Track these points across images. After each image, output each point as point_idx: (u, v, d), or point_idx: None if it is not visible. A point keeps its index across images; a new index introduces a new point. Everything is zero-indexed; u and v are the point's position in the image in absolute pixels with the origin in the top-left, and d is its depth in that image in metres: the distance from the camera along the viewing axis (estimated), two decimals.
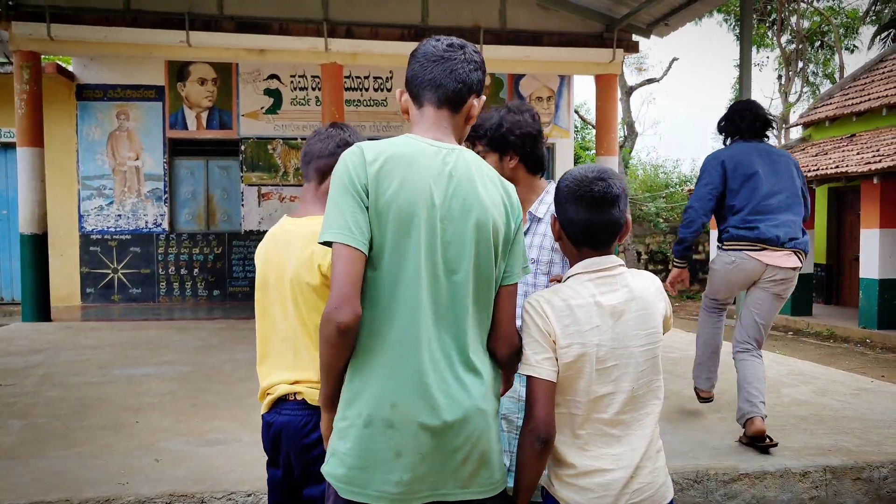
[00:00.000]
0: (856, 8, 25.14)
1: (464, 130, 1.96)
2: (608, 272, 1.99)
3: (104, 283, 12.35)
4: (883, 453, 4.27)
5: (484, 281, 1.83)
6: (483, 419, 1.81)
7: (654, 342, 1.99)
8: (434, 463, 1.76)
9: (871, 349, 11.21)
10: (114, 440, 4.63)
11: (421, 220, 1.75)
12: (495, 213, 1.82)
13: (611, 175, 2.00)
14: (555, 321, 1.93)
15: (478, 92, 1.92)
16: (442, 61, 1.86)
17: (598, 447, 1.96)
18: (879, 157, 11.87)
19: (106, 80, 12.21)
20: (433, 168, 1.78)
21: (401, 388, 1.75)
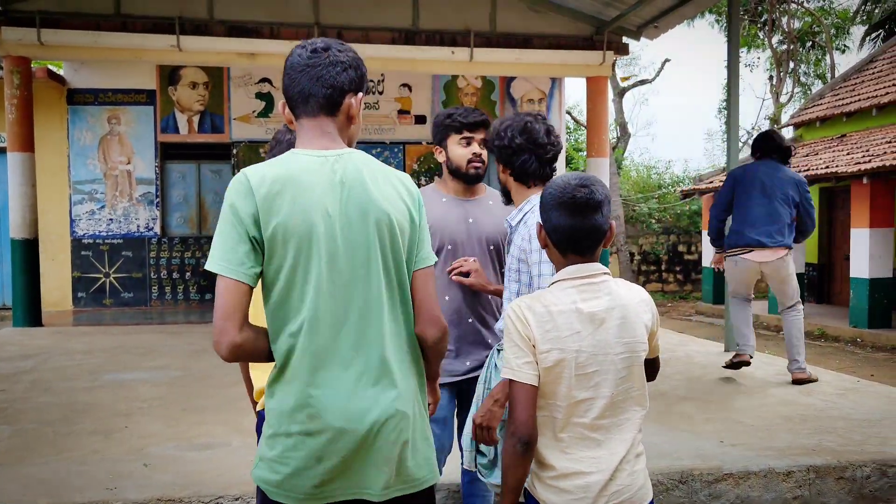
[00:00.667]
0: (846, 8, 25.27)
1: (350, 130, 1.95)
2: (591, 279, 2.02)
3: (96, 287, 12.34)
4: (865, 452, 4.31)
5: (396, 276, 1.87)
6: (403, 420, 1.85)
7: (635, 351, 2.01)
8: (356, 465, 1.82)
9: (862, 348, 11.27)
10: (103, 445, 4.64)
11: (319, 234, 1.78)
12: (392, 209, 1.84)
13: (593, 181, 2.04)
14: (535, 326, 1.96)
15: (354, 90, 1.91)
16: (307, 69, 1.87)
17: (579, 450, 1.99)
18: (869, 157, 11.93)
19: (97, 85, 12.20)
20: (322, 180, 1.80)
21: (317, 397, 1.79)
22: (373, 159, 1.91)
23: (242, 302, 1.76)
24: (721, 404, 5.56)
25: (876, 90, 14.39)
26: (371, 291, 1.82)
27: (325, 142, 1.87)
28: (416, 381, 1.92)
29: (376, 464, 1.83)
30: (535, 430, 1.99)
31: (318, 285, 1.78)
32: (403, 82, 12.88)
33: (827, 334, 12.58)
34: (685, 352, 7.92)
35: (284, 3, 10.46)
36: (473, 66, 11.02)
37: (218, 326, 1.75)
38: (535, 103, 13.43)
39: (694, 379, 6.52)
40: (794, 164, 13.81)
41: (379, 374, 1.83)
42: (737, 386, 6.18)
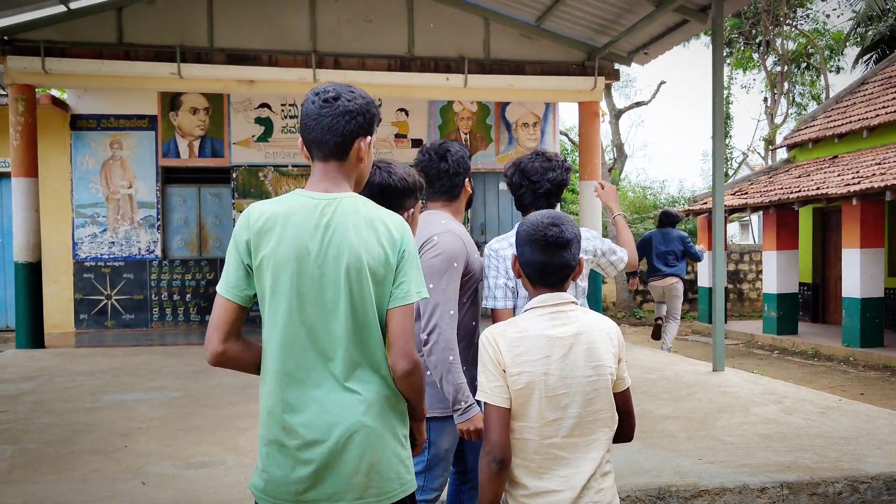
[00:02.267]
0: (840, 30, 25.54)
1: (359, 170, 2.18)
2: (560, 307, 2.17)
3: (98, 309, 12.52)
4: (839, 469, 4.46)
5: (361, 314, 2.03)
6: (371, 433, 2.03)
7: (601, 375, 2.14)
8: (328, 476, 2.01)
9: (854, 367, 11.37)
10: (102, 464, 4.79)
11: (295, 269, 2.00)
12: (366, 255, 2.01)
13: (564, 221, 2.21)
14: (505, 352, 2.12)
15: (363, 134, 2.12)
16: (319, 118, 2.07)
17: (549, 469, 2.14)
18: (859, 178, 12.09)
19: (100, 111, 12.45)
20: (310, 221, 2.02)
21: (287, 412, 2.02)
22: (365, 205, 2.07)
23: (231, 317, 2.05)
24: (704, 423, 5.70)
25: (867, 112, 14.58)
26: (337, 323, 2.02)
27: (326, 185, 2.08)
28: (386, 401, 2.09)
29: (346, 475, 2.00)
30: (509, 449, 2.14)
31: (289, 314, 2.01)
32: (400, 107, 13.12)
33: (820, 353, 12.69)
34: (674, 371, 8.06)
35: (282, 32, 10.72)
36: (468, 91, 11.26)
37: (207, 335, 2.06)
38: (530, 127, 13.66)
39: (680, 398, 6.66)
40: (788, 185, 14.02)
41: (345, 393, 2.02)
42: (721, 405, 6.32)
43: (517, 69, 11.18)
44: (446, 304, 2.78)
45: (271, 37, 10.66)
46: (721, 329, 8.01)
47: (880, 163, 12.41)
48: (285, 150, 12.86)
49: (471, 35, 11.22)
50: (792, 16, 24.58)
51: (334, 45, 10.81)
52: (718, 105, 7.96)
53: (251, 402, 6.59)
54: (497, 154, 13.57)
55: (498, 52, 11.26)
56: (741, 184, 16.71)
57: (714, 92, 8.01)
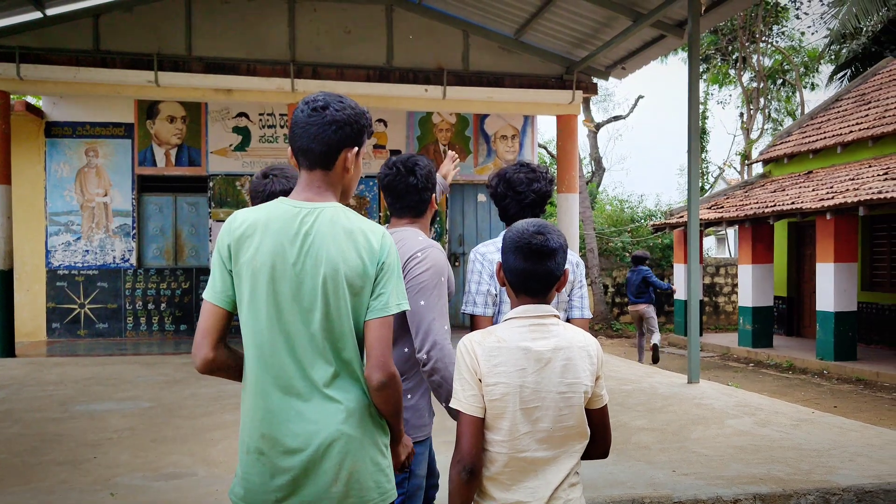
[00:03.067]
0: (815, 47, 25.93)
1: (346, 180, 2.16)
2: (541, 320, 2.14)
3: (70, 318, 12.36)
4: (811, 481, 4.48)
5: (337, 324, 2.02)
6: (350, 442, 2.02)
7: (576, 391, 2.11)
8: (307, 484, 2.00)
9: (828, 380, 11.48)
10: (70, 476, 4.72)
11: (272, 277, 2.00)
12: (344, 266, 2.01)
13: (550, 230, 2.17)
14: (482, 361, 2.09)
15: (350, 145, 2.11)
16: (307, 127, 2.07)
17: (518, 481, 2.13)
18: (833, 193, 12.25)
19: (75, 118, 12.33)
20: (290, 230, 2.02)
21: (266, 419, 2.02)
22: (346, 215, 2.06)
23: (220, 324, 2.05)
24: (678, 435, 5.72)
25: (841, 128, 14.79)
26: (314, 331, 2.01)
27: (309, 194, 2.08)
28: (365, 410, 2.07)
29: (325, 484, 1.99)
30: (480, 459, 2.12)
31: (268, 322, 2.01)
32: (379, 117, 13.11)
33: (795, 366, 12.80)
34: (649, 383, 8.09)
35: (261, 41, 10.70)
36: (446, 103, 11.28)
37: (196, 342, 2.04)
38: (509, 139, 13.70)
39: (655, 410, 6.68)
40: (763, 200, 14.16)
41: (324, 401, 2.01)
42: (695, 417, 6.35)
43: (496, 81, 11.22)
44: (441, 319, 2.71)
45: (250, 46, 10.63)
46: (696, 341, 8.05)
47: (854, 178, 12.59)
48: (263, 160, 12.80)
49: (450, 47, 11.25)
50: (768, 33, 24.93)
51: (313, 56, 10.80)
52: (694, 119, 8.03)
53: (225, 413, 6.53)
54: (476, 166, 13.60)
55: (477, 65, 11.30)
56: (717, 198, 16.87)
57: (689, 106, 8.08)
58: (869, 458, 5.03)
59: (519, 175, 3.14)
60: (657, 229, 17.71)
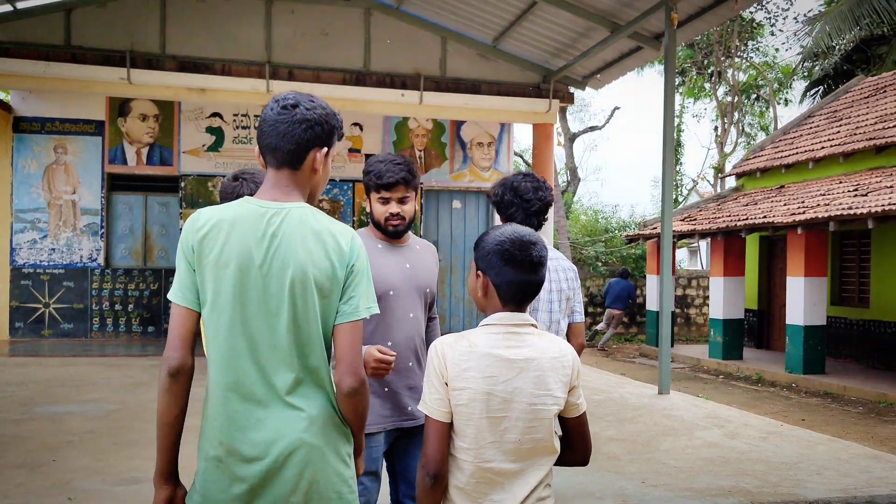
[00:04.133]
0: (789, 64, 26.28)
1: (313, 181, 2.10)
2: (517, 328, 2.09)
3: (34, 317, 12.11)
4: (778, 494, 4.48)
5: (304, 329, 1.96)
6: (311, 451, 1.95)
7: (547, 404, 2.06)
8: (265, 493, 1.93)
9: (796, 393, 11.55)
10: (28, 479, 4.59)
11: (238, 279, 1.93)
12: (312, 268, 1.95)
13: (539, 238, 2.16)
14: (451, 365, 2.03)
15: (320, 145, 2.05)
16: (276, 125, 2.01)
17: (484, 494, 2.07)
18: (804, 208, 12.36)
19: (44, 113, 12.12)
20: (256, 230, 1.95)
21: (225, 426, 1.95)
22: (315, 216, 2.00)
23: (192, 326, 1.97)
24: (648, 445, 5.71)
25: (813, 144, 14.96)
26: (279, 336, 1.94)
27: (276, 193, 2.01)
28: (329, 419, 2.00)
29: (283, 494, 1.92)
30: (444, 465, 2.07)
31: (230, 324, 1.93)
32: (355, 122, 13.04)
33: (764, 379, 12.88)
34: (620, 393, 8.08)
35: (236, 41, 10.59)
36: (423, 108, 11.25)
37: (168, 343, 1.97)
38: (485, 147, 13.69)
39: (625, 420, 6.67)
40: (736, 213, 14.28)
41: (286, 409, 1.94)
42: (665, 428, 6.34)
43: (473, 88, 11.21)
44: None
45: (225, 46, 10.52)
46: (667, 353, 8.07)
47: (825, 193, 12.73)
48: (236, 161, 12.67)
49: (427, 53, 11.23)
50: (743, 48, 25.23)
51: (289, 57, 10.72)
52: (669, 130, 8.06)
53: (191, 418, 6.37)
54: (451, 172, 13.56)
55: (454, 71, 11.28)
56: (690, 210, 16.98)
57: (665, 117, 8.11)
58: (836, 472, 5.04)
59: (525, 184, 3.27)
60: (631, 240, 17.79)
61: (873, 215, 10.55)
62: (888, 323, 13.09)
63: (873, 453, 5.69)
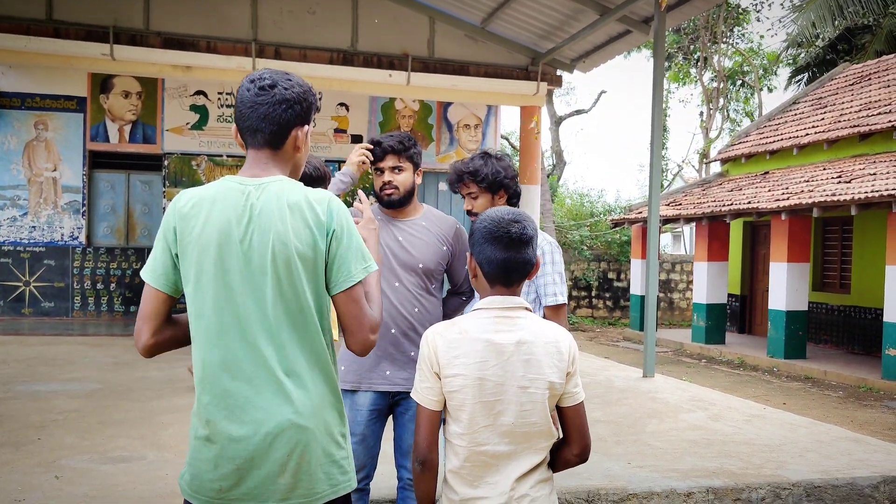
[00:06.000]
0: (774, 51, 26.37)
1: (295, 159, 2.09)
2: (508, 312, 2.08)
3: (14, 296, 11.98)
4: (762, 476, 4.53)
5: (294, 304, 1.93)
6: (302, 433, 1.92)
7: (539, 387, 2.05)
8: (252, 474, 1.91)
9: (777, 377, 11.68)
10: (13, 457, 4.56)
11: (220, 255, 1.92)
12: (295, 240, 1.91)
13: (525, 218, 2.13)
14: (442, 352, 2.04)
15: (300, 123, 2.05)
16: (255, 107, 1.99)
17: (480, 477, 2.07)
18: (788, 194, 12.45)
19: (25, 89, 11.92)
20: (236, 207, 1.93)
21: (212, 404, 1.93)
22: (293, 188, 1.97)
23: (160, 308, 1.98)
24: (633, 428, 5.75)
25: (797, 131, 15.05)
26: (267, 311, 1.91)
27: (255, 171, 2.00)
28: (322, 398, 1.97)
29: (271, 475, 1.90)
30: (434, 452, 2.08)
31: (215, 302, 1.92)
32: (341, 101, 12.95)
33: (746, 363, 13.01)
34: (605, 376, 8.13)
35: (222, 19, 10.45)
36: (410, 89, 11.18)
37: (137, 328, 2.00)
38: (472, 129, 13.65)
39: (611, 403, 6.71)
40: (721, 199, 14.37)
41: (276, 389, 1.91)
42: (650, 411, 6.39)
43: (461, 70, 11.15)
44: None
45: (211, 23, 10.38)
46: (652, 336, 8.11)
47: (808, 180, 12.82)
48: (220, 140, 12.56)
49: (415, 33, 11.15)
50: (729, 34, 25.26)
51: (276, 35, 10.60)
52: (657, 113, 8.06)
53: (175, 397, 6.38)
54: (438, 154, 13.52)
55: (442, 52, 11.21)
56: (675, 195, 17.06)
57: (654, 100, 8.11)
58: (818, 454, 5.10)
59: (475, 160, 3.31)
60: (616, 224, 17.85)
61: (856, 202, 10.65)
62: (868, 309, 13.25)
63: (854, 436, 5.76)
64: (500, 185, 3.24)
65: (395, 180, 3.14)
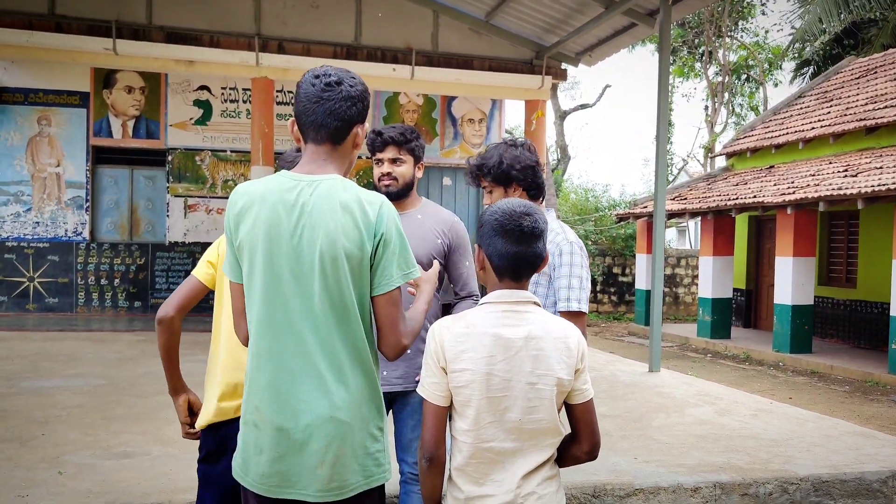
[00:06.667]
0: (780, 44, 26.25)
1: (352, 154, 2.16)
2: (517, 306, 2.06)
3: (19, 291, 11.98)
4: (769, 471, 4.49)
5: (338, 300, 1.98)
6: (339, 427, 1.98)
7: (547, 384, 2.02)
8: (292, 463, 1.99)
9: (783, 372, 11.63)
10: (16, 453, 4.54)
11: (270, 250, 1.99)
12: (343, 239, 1.97)
13: (536, 210, 2.11)
14: (449, 347, 2.02)
15: (361, 121, 2.11)
16: (321, 102, 2.04)
17: (485, 474, 2.05)
18: (794, 188, 12.39)
19: (28, 84, 11.90)
20: (286, 203, 1.99)
21: (261, 393, 2.01)
22: (346, 187, 2.01)
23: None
24: (640, 423, 5.71)
25: (803, 125, 14.97)
26: (313, 306, 1.97)
27: (312, 167, 2.06)
28: (360, 393, 2.02)
29: (309, 466, 1.98)
30: (440, 447, 2.06)
31: (264, 294, 2.00)
32: None
33: (752, 358, 12.97)
34: (611, 371, 8.10)
35: (225, 13, 10.41)
36: (414, 83, 11.14)
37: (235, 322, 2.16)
38: (476, 123, 13.60)
39: (617, 397, 6.68)
40: (726, 193, 14.31)
41: (318, 382, 1.98)
42: (657, 405, 6.36)
43: (465, 64, 11.10)
44: None
45: (213, 17, 10.34)
46: (658, 331, 8.08)
47: (814, 174, 12.75)
48: (224, 135, 12.53)
49: (419, 27, 11.10)
50: (734, 28, 25.15)
51: (279, 30, 10.56)
52: (663, 107, 8.01)
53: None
54: (442, 149, 13.48)
55: (446, 46, 11.16)
56: (680, 190, 16.99)
57: (659, 95, 8.06)
58: (825, 449, 5.06)
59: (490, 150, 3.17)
60: (621, 219, 17.79)
61: (862, 196, 10.58)
62: (875, 303, 13.18)
63: (862, 431, 5.72)
64: (508, 178, 2.97)
65: (393, 171, 3.13)
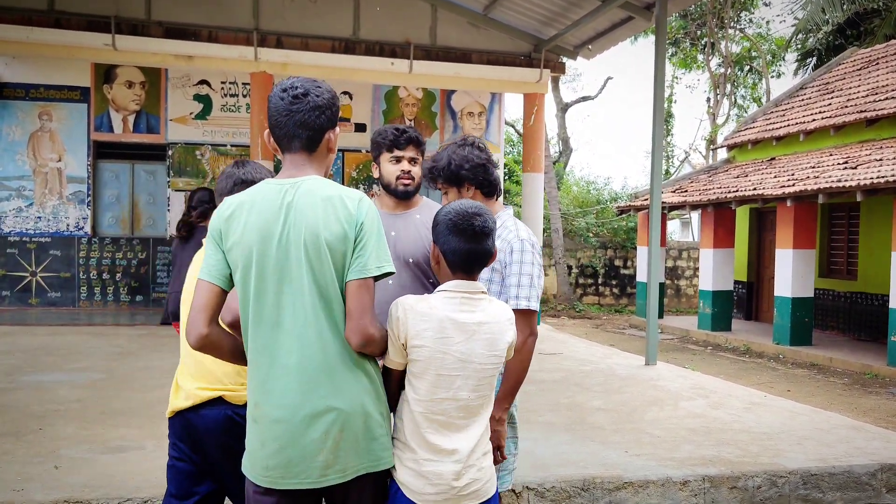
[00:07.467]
0: (782, 36, 26.14)
1: (328, 158, 2.28)
2: (471, 295, 2.27)
3: (21, 286, 12.05)
4: (759, 464, 4.53)
5: (324, 292, 2.09)
6: (337, 416, 2.08)
7: (496, 363, 2.28)
8: (293, 454, 2.08)
9: (783, 364, 11.65)
10: (13, 447, 4.59)
11: (258, 251, 2.08)
12: (324, 231, 2.07)
13: (486, 211, 2.34)
14: (411, 324, 2.19)
15: (331, 127, 2.22)
16: (291, 114, 2.15)
17: (435, 441, 2.21)
18: (794, 180, 12.37)
19: (28, 80, 11.94)
20: (274, 206, 2.10)
21: (259, 388, 2.12)
22: (325, 185, 2.13)
23: (213, 300, 2.13)
24: (632, 416, 5.75)
25: (804, 117, 14.93)
26: (304, 300, 2.08)
27: (292, 171, 2.18)
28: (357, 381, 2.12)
29: (309, 455, 2.07)
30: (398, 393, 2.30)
31: (257, 293, 2.09)
32: (344, 90, 12.93)
33: (752, 350, 12.98)
34: (608, 364, 8.13)
35: (224, 8, 10.44)
36: (413, 77, 11.15)
37: (190, 319, 2.13)
38: (475, 116, 13.61)
39: (612, 391, 6.71)
40: (727, 185, 14.30)
41: (315, 373, 2.08)
42: (651, 399, 6.39)
43: (464, 57, 11.11)
44: None
45: (212, 12, 10.37)
46: (654, 324, 8.10)
47: (815, 166, 12.73)
48: (224, 129, 12.56)
49: (417, 21, 11.11)
50: (736, 19, 25.05)
51: (278, 24, 10.58)
52: (659, 100, 8.02)
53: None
54: (441, 142, 13.48)
55: (445, 40, 11.17)
56: (682, 182, 16.98)
57: (655, 88, 8.07)
58: (816, 442, 5.09)
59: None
60: (622, 212, 17.79)
61: (863, 188, 10.57)
62: (875, 295, 13.18)
63: (854, 424, 5.75)
64: (459, 178, 2.94)
65: (412, 171, 3.13)
